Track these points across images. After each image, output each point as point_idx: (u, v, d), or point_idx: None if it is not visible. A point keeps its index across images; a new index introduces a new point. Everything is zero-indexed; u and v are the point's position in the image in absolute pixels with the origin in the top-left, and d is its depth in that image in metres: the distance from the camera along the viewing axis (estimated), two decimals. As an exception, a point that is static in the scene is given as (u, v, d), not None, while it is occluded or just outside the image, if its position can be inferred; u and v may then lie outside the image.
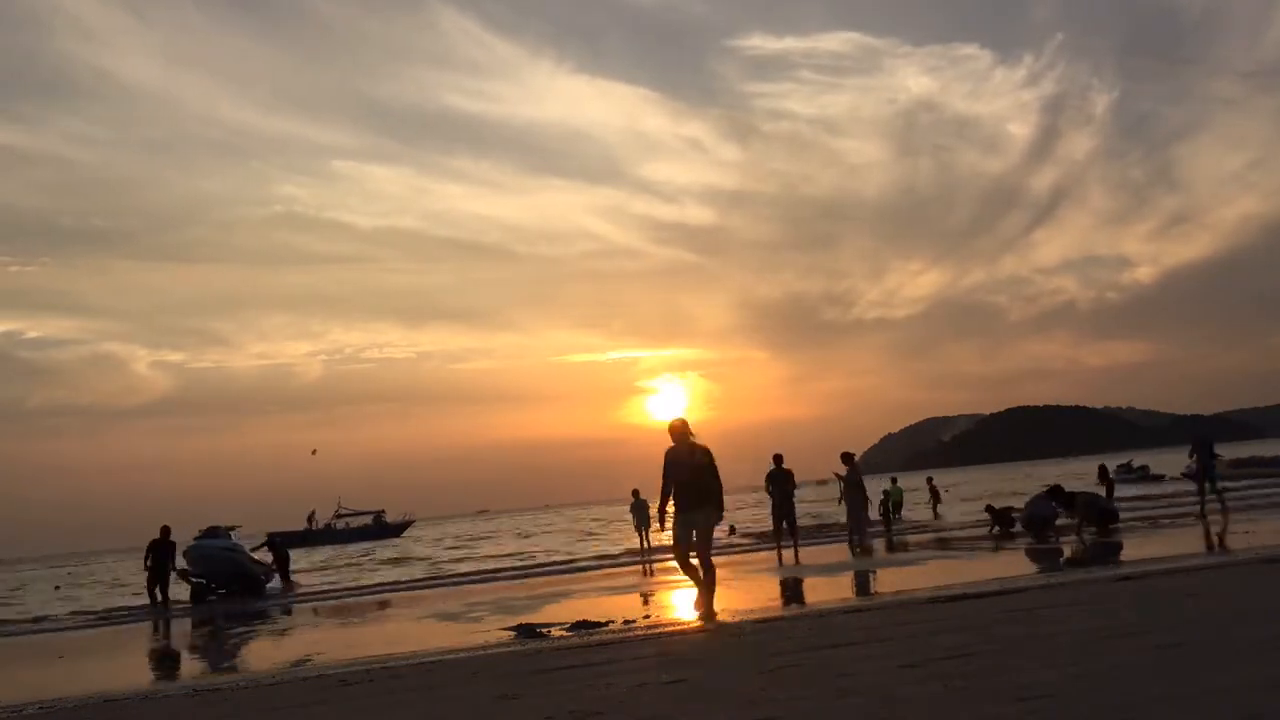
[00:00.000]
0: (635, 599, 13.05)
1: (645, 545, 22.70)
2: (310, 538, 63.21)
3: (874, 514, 21.62)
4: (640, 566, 19.88)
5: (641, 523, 22.94)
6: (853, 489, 18.62)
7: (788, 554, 17.17)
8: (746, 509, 41.06)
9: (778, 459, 17.57)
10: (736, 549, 21.83)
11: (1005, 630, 6.23)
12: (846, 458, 19.30)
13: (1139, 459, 56.37)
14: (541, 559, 25.49)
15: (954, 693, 4.27)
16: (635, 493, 23.40)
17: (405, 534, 67.02)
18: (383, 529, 67.38)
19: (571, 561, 23.44)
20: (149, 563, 19.33)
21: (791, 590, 12.17)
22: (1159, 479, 41.22)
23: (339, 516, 69.63)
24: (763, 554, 19.24)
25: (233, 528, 21.42)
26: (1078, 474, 44.94)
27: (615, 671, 6.02)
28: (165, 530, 19.51)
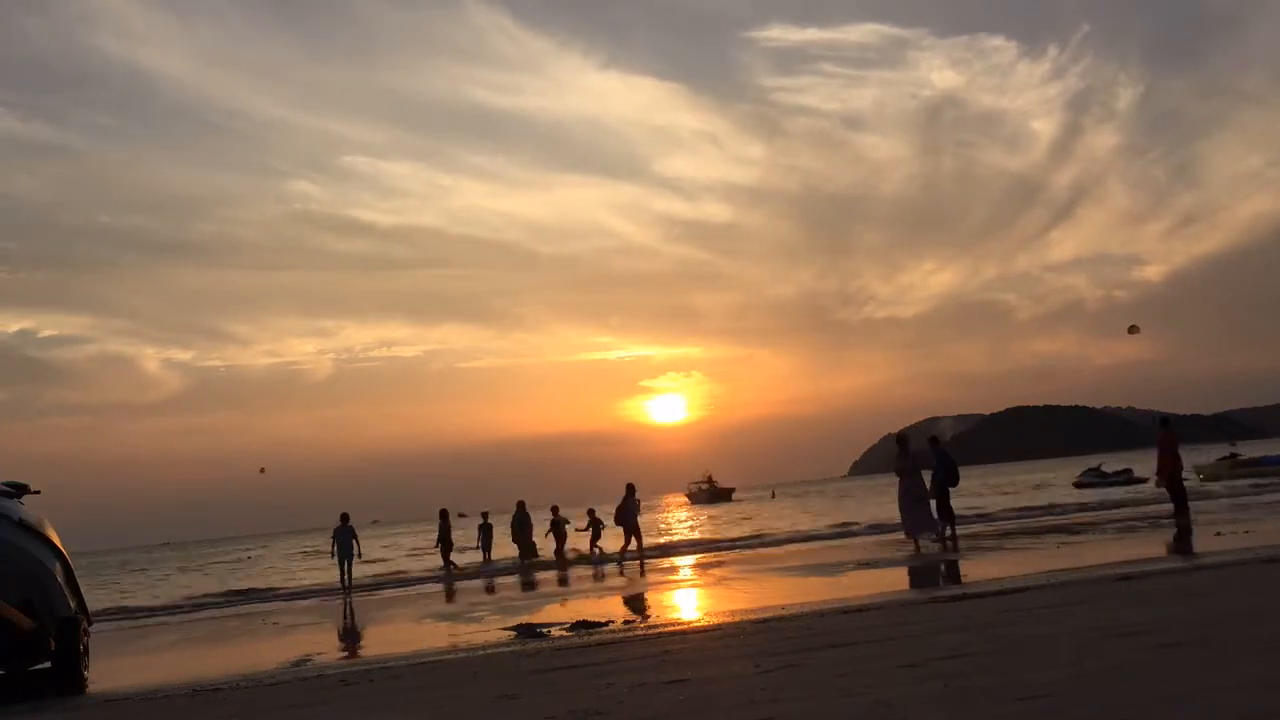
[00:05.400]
0: (636, 599, 13.06)
1: (487, 560, 24.20)
2: None
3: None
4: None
5: (485, 544, 24.39)
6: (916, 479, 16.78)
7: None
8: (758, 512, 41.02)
9: (933, 440, 17.60)
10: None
11: (1005, 630, 6.23)
12: (902, 439, 17.73)
13: (1138, 460, 55.10)
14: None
15: (954, 693, 4.27)
16: (485, 514, 25.09)
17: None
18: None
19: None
20: None
21: (795, 589, 12.16)
22: (1139, 483, 38.08)
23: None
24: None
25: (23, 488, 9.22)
26: (1052, 478, 44.79)
27: (615, 671, 6.02)
28: None
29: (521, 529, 23.53)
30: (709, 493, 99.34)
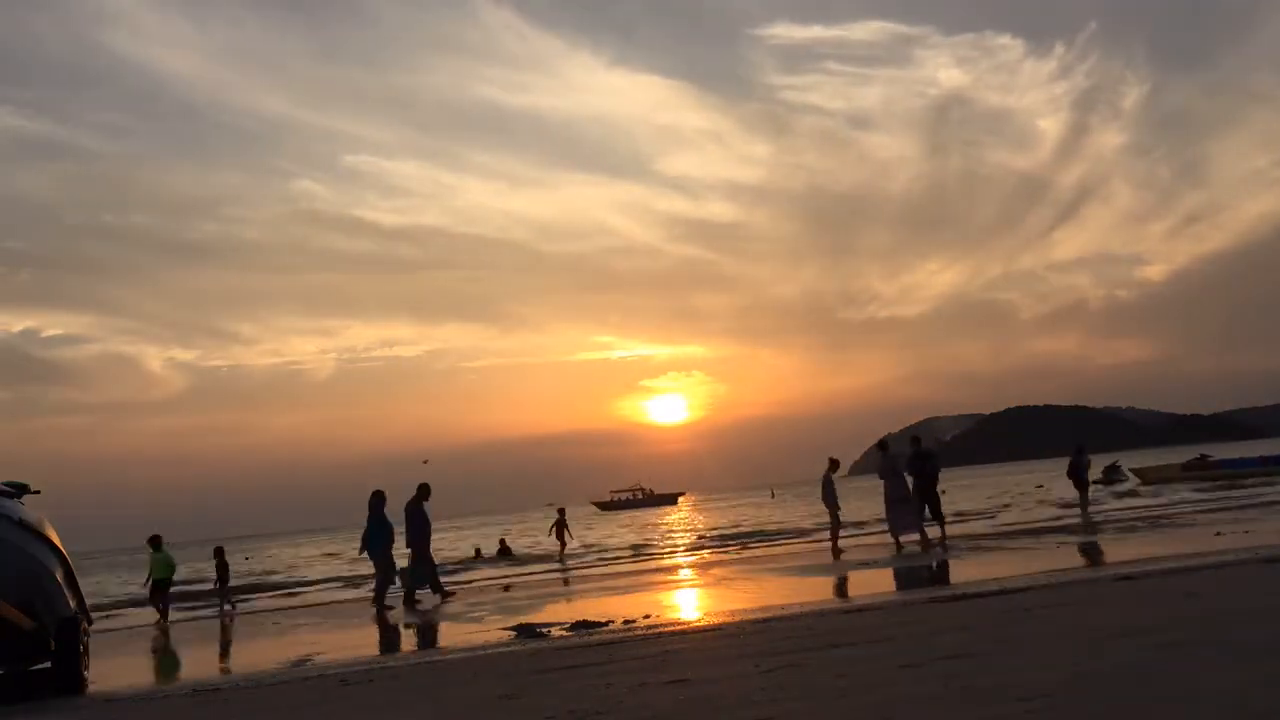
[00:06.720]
0: (636, 599, 13.04)
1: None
2: None
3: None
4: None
5: (221, 577, 18.92)
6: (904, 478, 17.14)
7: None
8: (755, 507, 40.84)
9: (916, 440, 17.89)
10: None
11: (1005, 630, 6.23)
12: (884, 445, 18.66)
13: (1137, 458, 54.47)
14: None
15: (954, 693, 4.27)
16: (219, 551, 19.29)
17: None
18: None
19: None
20: None
21: (795, 589, 12.16)
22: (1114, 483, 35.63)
23: None
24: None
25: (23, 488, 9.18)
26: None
27: (615, 671, 6.02)
28: None
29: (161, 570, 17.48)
30: (641, 500, 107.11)
